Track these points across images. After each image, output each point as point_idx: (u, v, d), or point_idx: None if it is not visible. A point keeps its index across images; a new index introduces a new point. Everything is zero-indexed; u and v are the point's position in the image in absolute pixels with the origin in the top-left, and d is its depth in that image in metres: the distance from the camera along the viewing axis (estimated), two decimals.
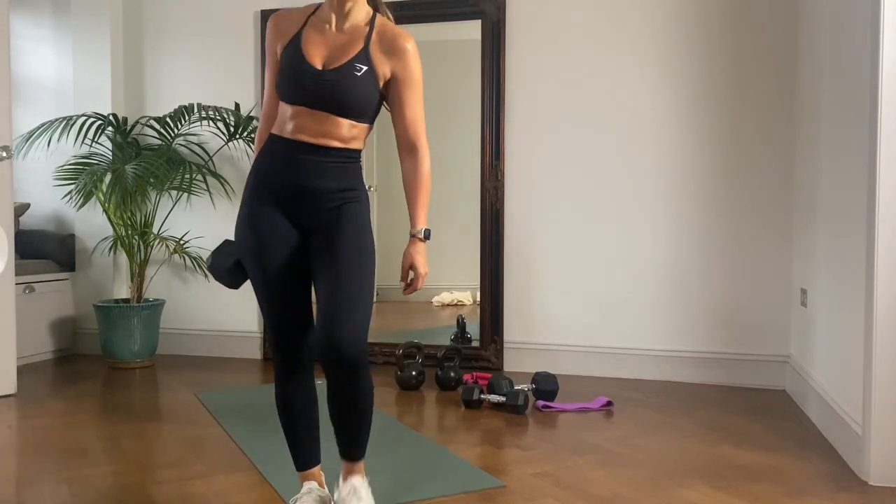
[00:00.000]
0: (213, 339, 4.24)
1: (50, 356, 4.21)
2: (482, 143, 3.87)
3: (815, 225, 3.03)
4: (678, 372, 3.62)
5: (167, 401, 3.29)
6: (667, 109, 3.64)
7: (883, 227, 2.23)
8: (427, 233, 1.82)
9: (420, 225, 1.81)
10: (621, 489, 2.19)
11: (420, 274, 1.80)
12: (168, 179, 3.95)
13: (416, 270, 1.80)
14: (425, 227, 1.82)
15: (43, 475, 2.32)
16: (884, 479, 2.23)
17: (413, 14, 3.96)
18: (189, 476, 2.30)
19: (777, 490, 2.19)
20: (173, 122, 4.09)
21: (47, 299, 4.18)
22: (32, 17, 4.54)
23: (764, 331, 3.53)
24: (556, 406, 3.11)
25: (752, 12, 3.52)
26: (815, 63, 3.09)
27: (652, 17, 3.65)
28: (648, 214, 3.67)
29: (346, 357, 1.69)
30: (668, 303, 3.65)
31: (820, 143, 2.96)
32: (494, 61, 3.83)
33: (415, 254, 1.80)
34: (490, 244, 3.86)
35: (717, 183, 3.59)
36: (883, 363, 2.23)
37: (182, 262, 4.26)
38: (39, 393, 3.42)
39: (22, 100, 4.47)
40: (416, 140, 1.81)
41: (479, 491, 2.17)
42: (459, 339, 3.99)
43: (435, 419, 3.00)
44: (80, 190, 3.85)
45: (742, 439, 2.69)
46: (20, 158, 4.00)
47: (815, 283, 3.03)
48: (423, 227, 1.81)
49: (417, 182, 1.80)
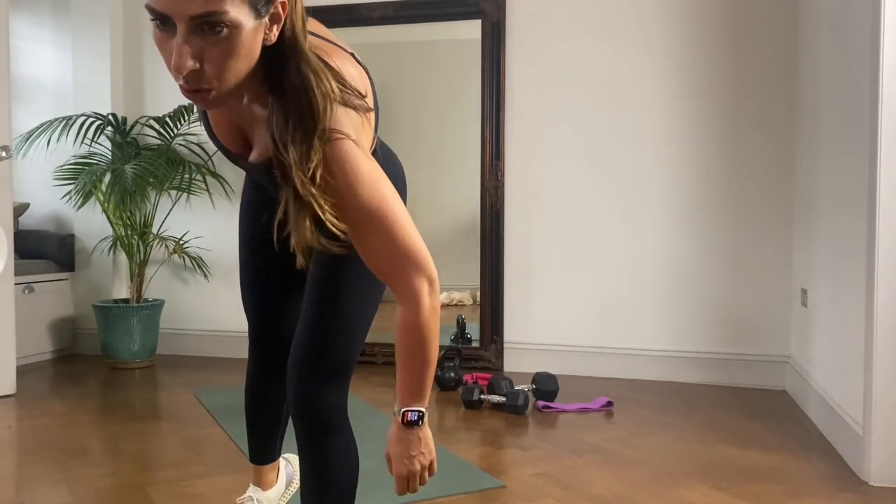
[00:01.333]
0: (213, 339, 4.24)
1: (49, 356, 4.21)
2: (482, 143, 3.86)
3: (815, 225, 3.02)
4: (678, 372, 3.62)
5: (167, 401, 3.28)
6: (667, 109, 3.64)
7: (883, 226, 2.23)
8: (409, 417, 1.23)
9: (404, 401, 1.24)
10: (621, 489, 2.19)
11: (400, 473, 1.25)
12: (167, 179, 3.95)
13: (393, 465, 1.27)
14: (407, 408, 1.24)
15: (42, 475, 2.32)
16: (884, 479, 2.23)
17: (413, 14, 3.97)
18: (189, 476, 2.30)
19: (777, 490, 2.18)
20: (173, 122, 4.09)
21: (47, 299, 4.18)
22: (32, 17, 4.53)
23: (764, 331, 3.52)
24: (556, 406, 3.11)
25: (752, 11, 3.52)
26: (815, 62, 3.09)
27: (652, 17, 3.64)
28: (649, 214, 3.67)
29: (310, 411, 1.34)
30: (668, 303, 3.65)
31: (820, 143, 2.96)
32: (494, 61, 3.83)
33: (393, 439, 1.27)
34: (490, 244, 3.86)
35: (717, 182, 3.59)
36: (883, 363, 2.23)
37: (182, 262, 4.26)
38: (39, 393, 3.41)
39: (21, 100, 4.46)
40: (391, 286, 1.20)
41: (479, 491, 2.17)
42: (459, 340, 3.99)
43: (435, 419, 2.99)
44: (80, 190, 3.85)
45: (742, 439, 2.69)
46: (20, 158, 4.00)
47: (815, 283, 3.03)
48: (405, 405, 1.24)
49: (398, 340, 1.22)
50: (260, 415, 1.72)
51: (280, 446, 1.81)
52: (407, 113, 4.22)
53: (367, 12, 3.99)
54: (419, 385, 1.22)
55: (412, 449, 1.24)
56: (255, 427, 1.75)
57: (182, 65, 0.98)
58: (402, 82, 4.22)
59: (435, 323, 1.19)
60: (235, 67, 1.02)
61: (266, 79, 1.11)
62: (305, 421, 1.36)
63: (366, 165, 1.13)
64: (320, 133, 1.09)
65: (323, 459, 1.37)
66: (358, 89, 1.17)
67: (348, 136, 1.13)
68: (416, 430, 1.24)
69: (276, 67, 1.09)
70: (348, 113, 1.14)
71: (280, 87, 1.11)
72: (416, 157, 4.19)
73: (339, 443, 1.38)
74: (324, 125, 1.09)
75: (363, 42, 3.96)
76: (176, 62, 0.98)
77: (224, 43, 1.00)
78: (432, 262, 1.18)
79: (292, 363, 1.38)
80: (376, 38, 4.03)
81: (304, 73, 1.09)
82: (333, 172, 1.11)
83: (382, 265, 1.17)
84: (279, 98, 1.11)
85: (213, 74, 1.01)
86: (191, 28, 0.98)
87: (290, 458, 1.95)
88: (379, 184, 1.14)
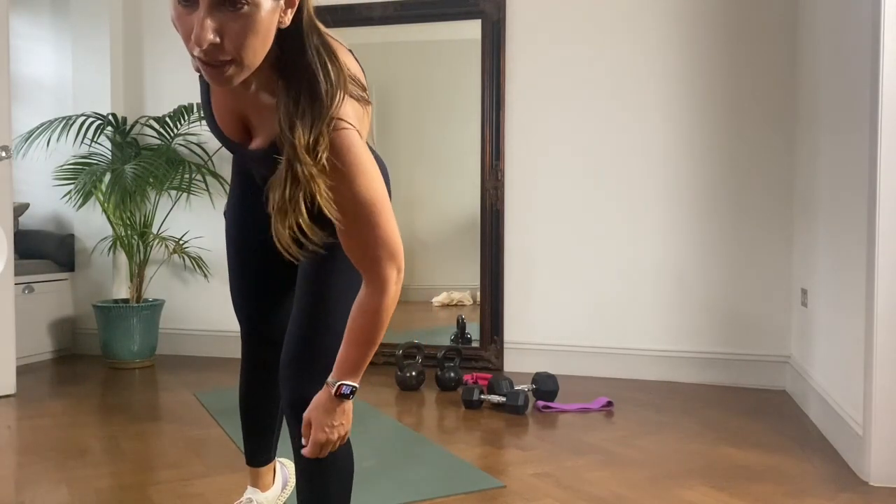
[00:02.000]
0: (213, 339, 4.24)
1: (49, 356, 4.21)
2: (482, 143, 3.86)
3: (815, 225, 3.02)
4: (678, 372, 3.62)
5: (167, 401, 3.28)
6: (667, 109, 3.64)
7: (884, 227, 2.23)
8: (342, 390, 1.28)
9: (339, 374, 1.28)
10: (621, 489, 2.19)
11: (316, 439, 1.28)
12: (167, 179, 3.95)
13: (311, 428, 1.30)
14: (342, 381, 1.28)
15: (42, 475, 2.32)
16: (884, 480, 2.23)
17: (413, 14, 3.97)
18: (189, 476, 2.30)
19: (777, 490, 2.18)
20: (173, 122, 4.09)
21: (47, 299, 4.17)
22: (32, 17, 4.53)
23: (764, 331, 3.52)
24: (556, 406, 3.11)
25: (753, 12, 3.52)
26: (815, 61, 3.08)
27: (652, 18, 3.64)
28: (649, 214, 3.67)
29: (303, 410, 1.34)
30: (668, 303, 3.65)
31: (820, 143, 2.96)
32: (494, 61, 3.83)
33: (317, 404, 1.30)
34: (490, 244, 3.86)
35: (717, 182, 3.59)
36: (883, 363, 2.23)
37: (181, 262, 4.26)
38: (39, 393, 3.41)
39: (21, 100, 4.46)
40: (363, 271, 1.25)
41: (479, 491, 2.17)
42: (459, 340, 3.99)
43: (435, 419, 2.99)
44: (80, 190, 3.85)
45: (742, 439, 2.69)
46: (19, 158, 4.00)
47: (815, 283, 3.03)
48: (340, 378, 1.28)
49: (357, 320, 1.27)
50: (254, 416, 1.74)
51: (275, 448, 1.82)
52: (407, 113, 4.22)
53: (367, 12, 3.99)
54: (360, 363, 1.29)
55: (335, 419, 1.29)
56: (250, 429, 1.76)
57: (203, 37, 1.01)
58: (402, 82, 4.21)
59: (393, 308, 1.27)
60: (253, 44, 1.06)
61: (277, 63, 1.15)
62: (299, 420, 1.37)
63: (365, 158, 1.18)
64: (329, 119, 1.13)
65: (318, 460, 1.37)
66: (361, 81, 1.22)
67: (353, 125, 1.17)
68: (344, 402, 1.29)
69: (290, 50, 1.13)
70: (353, 103, 1.18)
71: (293, 71, 1.14)
72: (416, 157, 4.20)
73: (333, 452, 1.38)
74: (333, 112, 1.13)
75: (363, 42, 3.96)
76: (197, 34, 1.01)
77: (244, 19, 1.03)
78: (403, 253, 1.25)
79: (284, 362, 1.40)
80: (376, 38, 4.03)
81: (321, 55, 1.14)
82: (338, 160, 1.15)
83: (363, 251, 1.22)
84: (290, 82, 1.14)
85: (232, 49, 1.04)
86: (213, 3, 1.01)
87: (285, 461, 1.95)
88: (374, 176, 1.19)
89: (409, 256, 1.27)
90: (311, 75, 1.13)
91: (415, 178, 4.16)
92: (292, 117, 1.13)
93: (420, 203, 4.15)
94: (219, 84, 1.09)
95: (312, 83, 1.13)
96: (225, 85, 1.10)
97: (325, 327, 1.38)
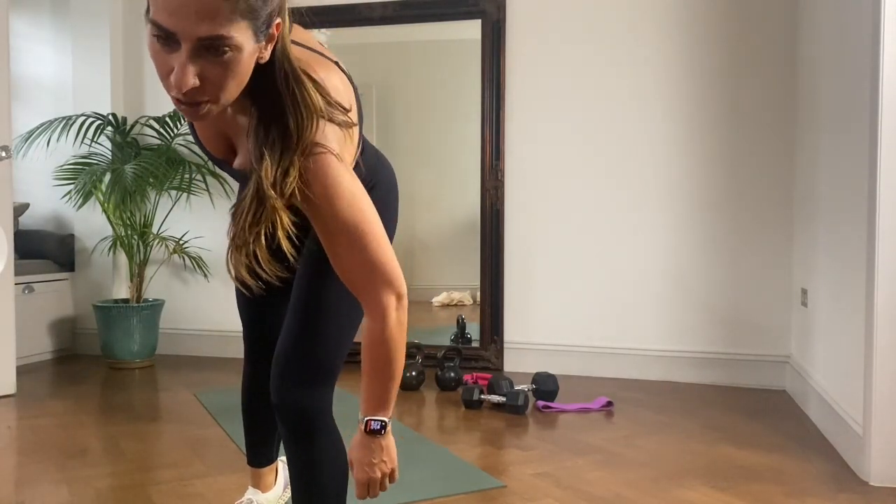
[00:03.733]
0: (213, 339, 4.24)
1: (49, 356, 4.21)
2: (482, 143, 3.86)
3: (815, 224, 3.02)
4: (678, 372, 3.62)
5: (167, 401, 3.28)
6: (667, 109, 3.64)
7: (884, 226, 2.23)
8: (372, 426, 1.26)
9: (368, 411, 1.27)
10: (621, 489, 2.19)
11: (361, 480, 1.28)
12: (167, 179, 3.95)
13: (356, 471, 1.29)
14: (370, 418, 1.26)
15: (42, 475, 2.32)
16: (884, 479, 2.23)
17: (413, 14, 3.96)
18: (189, 476, 2.30)
19: (777, 490, 2.18)
20: (173, 122, 4.09)
21: (47, 299, 4.17)
22: (31, 17, 4.53)
23: (764, 331, 3.52)
24: (556, 406, 3.11)
25: (752, 11, 3.52)
26: (815, 62, 3.09)
27: (652, 18, 3.64)
28: (649, 214, 3.67)
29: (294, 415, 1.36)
30: (668, 303, 3.65)
31: (820, 143, 2.96)
32: (494, 61, 3.83)
33: (357, 445, 1.29)
34: (490, 244, 3.86)
35: (717, 182, 3.59)
36: (883, 363, 2.23)
37: (182, 262, 4.26)
38: (39, 393, 3.41)
39: (21, 100, 4.46)
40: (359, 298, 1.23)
41: (479, 491, 2.17)
42: (459, 340, 3.99)
43: (435, 419, 2.99)
44: (80, 190, 3.85)
45: (742, 439, 2.69)
46: (19, 158, 4.00)
47: (815, 283, 3.03)
48: (369, 415, 1.26)
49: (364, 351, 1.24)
50: (256, 417, 1.74)
51: (277, 449, 1.83)
52: (407, 113, 4.22)
53: (368, 12, 3.99)
54: (383, 397, 1.25)
55: (374, 456, 1.27)
56: (251, 429, 1.77)
57: (185, 83, 0.99)
58: (403, 82, 4.22)
59: (401, 337, 1.23)
60: (232, 86, 1.04)
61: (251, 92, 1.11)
62: (290, 425, 1.37)
63: (346, 181, 1.15)
64: (302, 148, 1.11)
65: (310, 461, 1.38)
66: (342, 103, 1.17)
67: (331, 150, 1.14)
68: (378, 438, 1.26)
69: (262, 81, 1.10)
70: (333, 128, 1.15)
71: (264, 100, 1.11)
72: (416, 157, 4.20)
73: (325, 443, 1.39)
74: (306, 141, 1.11)
75: (363, 42, 3.97)
76: (178, 78, 0.99)
77: (225, 64, 1.01)
78: (402, 278, 1.21)
79: (275, 367, 1.39)
80: (376, 38, 4.03)
81: (290, 88, 1.10)
82: (313, 186, 1.12)
83: (353, 278, 1.20)
84: (262, 111, 1.12)
85: (210, 92, 1.02)
86: (196, 48, 0.98)
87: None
88: (358, 199, 1.16)
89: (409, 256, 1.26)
90: (281, 105, 1.10)
91: (415, 178, 4.16)
92: (262, 147, 1.11)
93: (420, 203, 4.15)
94: (194, 119, 1.08)
95: (283, 113, 1.10)
96: (200, 120, 1.09)
97: (315, 334, 1.37)
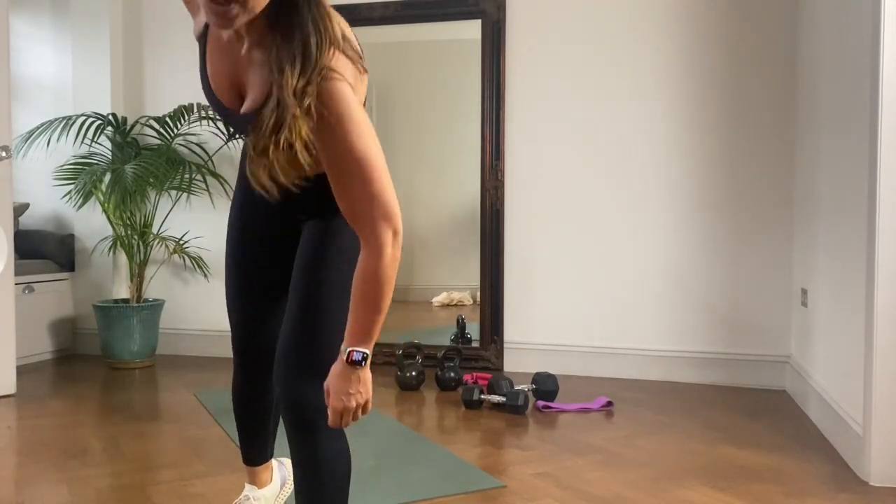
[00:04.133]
0: (213, 339, 4.24)
1: (49, 356, 4.21)
2: (482, 143, 3.86)
3: (815, 225, 3.02)
4: (678, 372, 3.62)
5: (167, 401, 3.28)
6: (667, 109, 3.64)
7: (884, 226, 2.23)
8: (353, 356, 1.28)
9: (350, 342, 1.29)
10: (621, 489, 2.19)
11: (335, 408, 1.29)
12: (168, 179, 3.95)
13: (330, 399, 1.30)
14: (353, 348, 1.28)
15: (42, 475, 2.32)
16: (884, 479, 2.23)
17: (413, 14, 3.97)
18: (189, 476, 2.30)
19: (777, 490, 2.18)
20: (173, 122, 4.09)
21: (47, 299, 4.18)
22: (32, 17, 4.53)
23: (764, 331, 3.52)
24: (556, 406, 3.11)
25: (752, 11, 3.52)
26: (815, 62, 3.09)
27: (652, 17, 3.64)
28: (649, 214, 3.67)
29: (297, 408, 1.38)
30: (668, 303, 3.65)
31: (820, 143, 2.96)
32: (494, 61, 3.83)
33: (334, 375, 1.30)
34: (490, 244, 3.86)
35: (718, 182, 3.59)
36: (883, 363, 2.23)
37: (182, 262, 4.26)
38: (39, 393, 3.41)
39: (21, 100, 4.47)
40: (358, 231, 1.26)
41: (479, 491, 2.17)
42: (459, 340, 3.99)
43: (435, 419, 3.00)
44: (80, 190, 3.85)
45: (742, 439, 2.69)
46: (20, 158, 4.00)
47: (815, 283, 3.03)
48: (351, 346, 1.28)
49: (360, 285, 1.27)
50: (248, 418, 1.75)
51: (272, 448, 1.83)
52: (407, 113, 4.22)
53: (368, 12, 3.99)
54: (368, 329, 1.28)
55: (351, 387, 1.29)
56: (245, 430, 1.77)
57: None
58: (403, 82, 4.22)
59: (393, 272, 1.26)
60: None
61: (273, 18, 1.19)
62: (294, 418, 1.39)
63: (357, 112, 1.21)
64: (320, 69, 1.17)
65: (313, 454, 1.39)
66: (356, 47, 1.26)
67: (346, 79, 1.20)
68: (357, 369, 1.29)
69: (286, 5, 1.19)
70: (347, 62, 1.22)
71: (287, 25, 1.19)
72: (416, 157, 4.20)
73: (328, 436, 1.40)
74: (323, 63, 1.17)
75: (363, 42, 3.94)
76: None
77: None
78: (400, 215, 1.25)
79: (278, 361, 1.41)
80: (376, 38, 4.03)
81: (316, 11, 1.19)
82: (328, 108, 1.18)
83: (354, 209, 1.24)
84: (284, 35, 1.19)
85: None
86: None
87: (284, 460, 1.96)
88: (366, 131, 1.21)
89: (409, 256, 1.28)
90: (304, 28, 1.17)
91: (415, 178, 4.16)
92: (283, 63, 1.17)
93: (420, 203, 4.15)
94: (223, 25, 1.14)
95: (305, 35, 1.17)
96: (229, 26, 1.15)
97: (317, 327, 1.39)
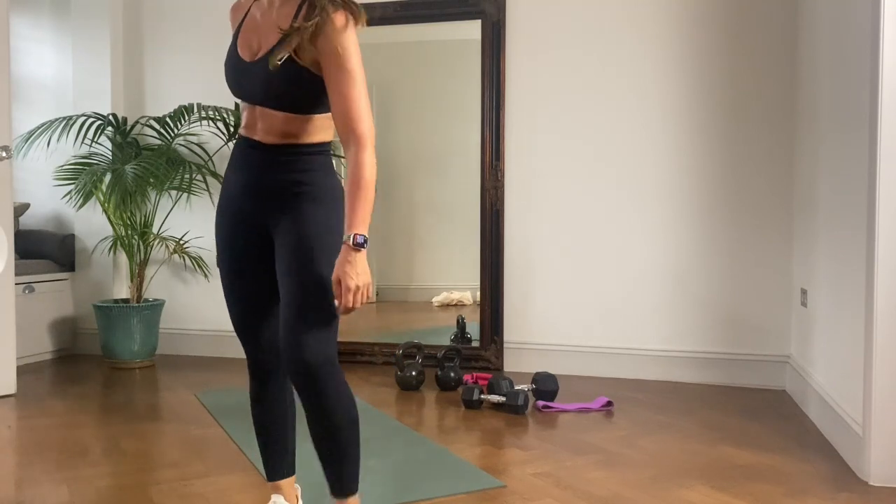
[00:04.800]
0: (213, 339, 4.24)
1: (49, 356, 4.21)
2: (482, 143, 3.86)
3: (815, 225, 3.02)
4: (678, 372, 3.62)
5: (167, 401, 3.28)
6: (667, 109, 3.64)
7: (883, 227, 2.23)
8: (357, 239, 1.51)
9: (351, 229, 1.52)
10: (621, 489, 2.19)
11: (347, 287, 1.50)
12: (168, 179, 3.95)
13: (341, 283, 1.51)
14: (356, 233, 1.52)
15: (42, 475, 2.32)
16: (884, 479, 2.23)
17: (413, 14, 3.97)
18: (189, 476, 2.30)
19: (777, 490, 2.18)
20: (173, 122, 4.09)
21: (47, 299, 4.18)
22: (32, 18, 4.53)
23: (764, 331, 3.52)
24: (556, 406, 3.11)
25: (752, 11, 3.52)
26: (815, 62, 3.09)
27: (651, 18, 3.64)
28: (649, 214, 3.67)
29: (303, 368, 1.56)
30: (668, 303, 3.65)
31: (820, 143, 2.96)
32: (494, 61, 3.83)
33: (340, 263, 1.52)
34: (490, 244, 3.86)
35: (717, 183, 3.59)
36: (883, 363, 2.23)
37: (182, 262, 4.26)
38: (39, 393, 3.41)
39: (22, 100, 4.47)
40: (347, 130, 1.56)
41: (479, 491, 2.17)
42: (459, 339, 3.99)
43: (435, 419, 3.00)
44: (80, 190, 3.85)
45: (742, 439, 2.69)
46: (20, 158, 4.00)
47: (815, 283, 3.03)
48: (353, 231, 1.52)
49: (350, 180, 1.54)
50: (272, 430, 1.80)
51: (293, 459, 1.85)
52: (407, 113, 4.22)
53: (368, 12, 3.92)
54: (363, 216, 1.54)
55: (357, 268, 1.51)
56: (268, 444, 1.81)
57: None
58: (402, 82, 4.22)
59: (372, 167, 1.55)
60: None
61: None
62: (301, 378, 1.58)
63: (355, 42, 1.59)
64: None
65: (323, 403, 1.60)
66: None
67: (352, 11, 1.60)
68: (361, 252, 1.53)
69: None
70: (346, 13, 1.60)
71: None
72: (416, 157, 4.20)
73: (333, 385, 1.60)
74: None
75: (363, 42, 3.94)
76: None
77: None
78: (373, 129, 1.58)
79: (283, 332, 1.59)
80: (376, 38, 4.02)
81: None
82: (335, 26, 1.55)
83: (348, 109, 1.55)
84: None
85: None
86: None
87: None
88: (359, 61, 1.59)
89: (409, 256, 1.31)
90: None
91: (415, 178, 4.16)
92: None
93: (420, 203, 4.15)
94: None
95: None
96: None
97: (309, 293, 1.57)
